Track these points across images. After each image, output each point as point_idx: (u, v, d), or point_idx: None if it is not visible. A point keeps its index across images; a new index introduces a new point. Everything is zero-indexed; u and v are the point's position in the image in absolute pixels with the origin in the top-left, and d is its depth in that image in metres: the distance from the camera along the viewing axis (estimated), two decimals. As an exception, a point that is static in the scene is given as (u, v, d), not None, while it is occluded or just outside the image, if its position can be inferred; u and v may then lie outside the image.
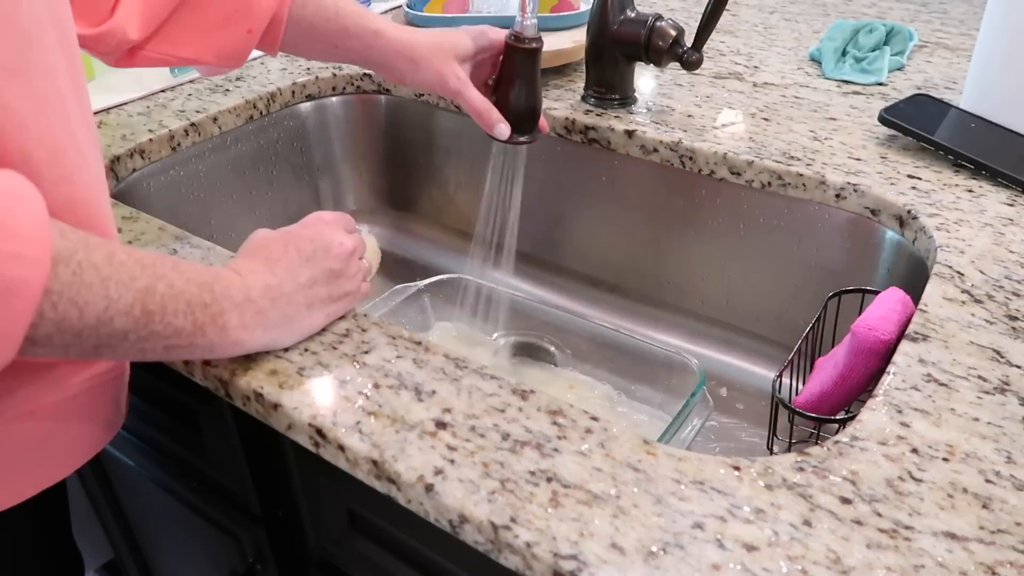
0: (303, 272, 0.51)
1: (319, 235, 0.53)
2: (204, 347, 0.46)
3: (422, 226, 1.02)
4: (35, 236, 0.36)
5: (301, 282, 0.51)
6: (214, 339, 0.46)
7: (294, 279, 0.50)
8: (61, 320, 0.38)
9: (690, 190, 0.79)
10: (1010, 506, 0.41)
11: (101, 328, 0.40)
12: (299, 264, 0.51)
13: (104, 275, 0.39)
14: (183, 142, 0.82)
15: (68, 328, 0.38)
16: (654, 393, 0.74)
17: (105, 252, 0.40)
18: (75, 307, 0.38)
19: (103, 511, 0.95)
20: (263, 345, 0.50)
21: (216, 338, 0.46)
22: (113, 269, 0.40)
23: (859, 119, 0.81)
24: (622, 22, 0.78)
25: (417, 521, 0.45)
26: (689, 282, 0.84)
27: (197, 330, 0.44)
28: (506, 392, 0.48)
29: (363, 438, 0.45)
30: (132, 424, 0.74)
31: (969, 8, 1.17)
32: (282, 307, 0.50)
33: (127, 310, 0.41)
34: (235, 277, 0.48)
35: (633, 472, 0.43)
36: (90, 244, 0.40)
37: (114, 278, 0.40)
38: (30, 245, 0.36)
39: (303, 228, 0.54)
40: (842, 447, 0.44)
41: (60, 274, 0.37)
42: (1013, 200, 0.67)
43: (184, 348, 0.45)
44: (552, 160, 0.86)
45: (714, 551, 0.38)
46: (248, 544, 0.69)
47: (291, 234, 0.53)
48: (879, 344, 0.53)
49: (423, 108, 0.94)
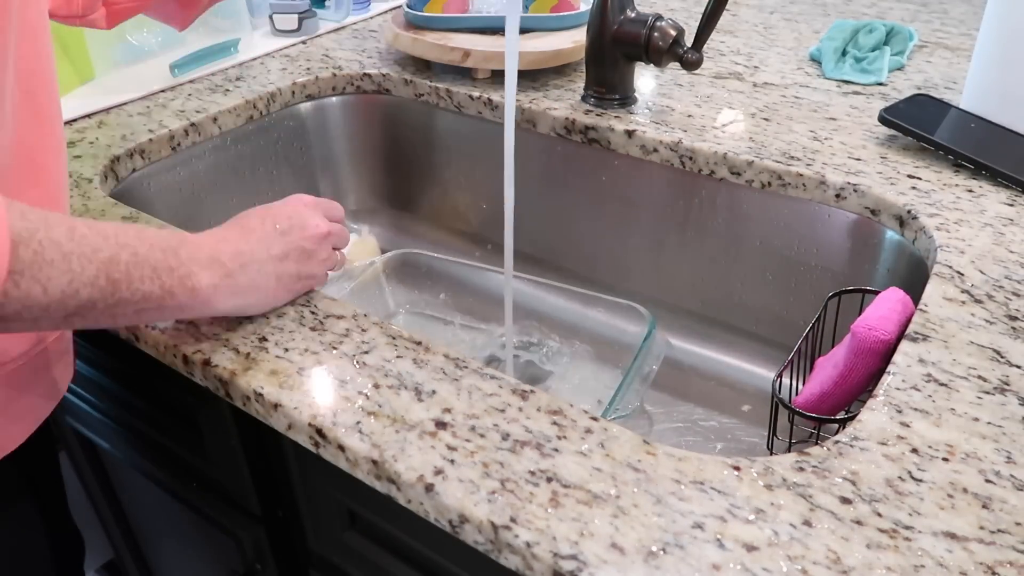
0: (276, 244, 0.53)
1: (297, 213, 0.55)
2: (174, 308, 0.47)
3: (422, 226, 1.02)
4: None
5: (273, 253, 0.52)
6: (184, 300, 0.47)
7: (266, 249, 0.52)
8: (26, 297, 0.39)
9: (690, 190, 0.79)
10: (1010, 506, 0.41)
11: (68, 301, 0.41)
12: (273, 236, 0.53)
13: (66, 251, 0.41)
14: (183, 142, 0.82)
15: (34, 304, 0.40)
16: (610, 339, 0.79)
17: (66, 228, 0.41)
18: (38, 284, 0.39)
19: (103, 511, 0.95)
20: (233, 309, 0.51)
21: (186, 299, 0.47)
22: (75, 244, 0.41)
23: (859, 119, 0.81)
24: (622, 22, 0.78)
25: (417, 521, 0.45)
26: (689, 282, 0.84)
27: (166, 293, 0.46)
28: (506, 392, 0.48)
29: (363, 438, 0.45)
30: (132, 424, 0.74)
31: (969, 8, 1.17)
32: (251, 274, 0.51)
33: (91, 281, 0.42)
34: (205, 240, 0.50)
35: (633, 472, 0.43)
36: (50, 222, 0.41)
37: (76, 252, 0.41)
38: None
39: (284, 205, 0.56)
40: (842, 447, 0.44)
41: (21, 255, 0.38)
42: (1013, 200, 0.67)
43: (155, 311, 0.46)
44: (552, 160, 0.86)
45: (714, 551, 0.38)
46: (248, 544, 0.69)
47: (269, 209, 0.55)
48: (879, 344, 0.53)
49: (423, 108, 0.94)
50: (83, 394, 0.77)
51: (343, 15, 1.09)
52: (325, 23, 1.08)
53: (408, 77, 0.92)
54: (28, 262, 0.39)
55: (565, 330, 0.82)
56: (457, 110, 0.90)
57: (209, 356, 0.51)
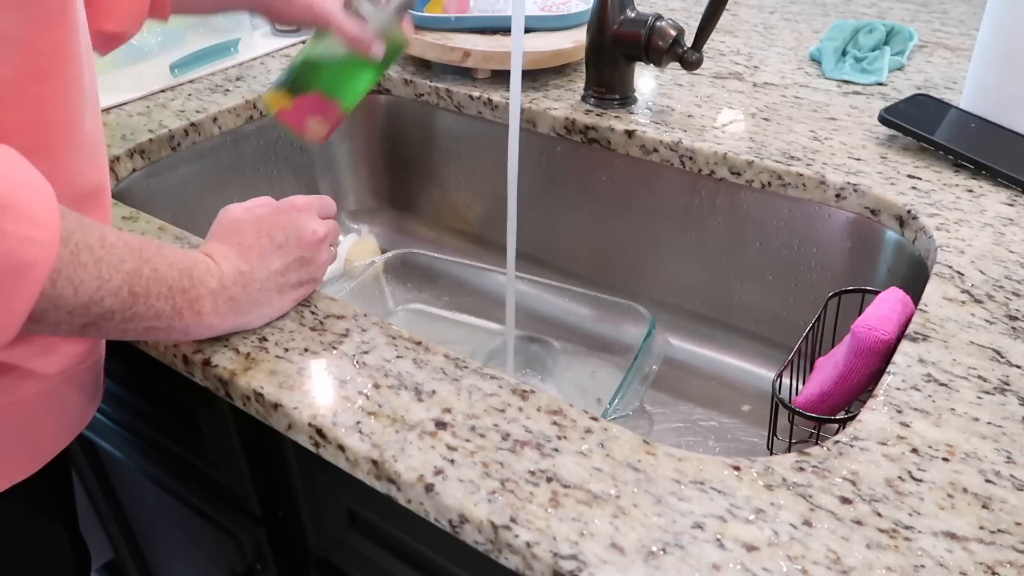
0: (275, 260, 0.52)
1: (291, 222, 0.54)
2: (180, 330, 0.48)
3: (422, 226, 1.02)
4: (47, 221, 0.38)
5: (273, 269, 0.52)
6: (190, 323, 0.47)
7: (266, 267, 0.52)
8: (58, 297, 0.39)
9: (690, 190, 0.79)
10: (1010, 506, 0.41)
11: (92, 307, 0.41)
12: (271, 251, 0.52)
13: (97, 256, 0.41)
14: (183, 142, 0.82)
15: (63, 305, 0.40)
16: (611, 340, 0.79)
17: (98, 234, 0.42)
18: (71, 285, 0.40)
19: (103, 511, 0.95)
20: (233, 327, 0.52)
21: (192, 322, 0.48)
22: (105, 251, 0.41)
23: (859, 119, 0.81)
24: (622, 22, 0.78)
25: (417, 521, 0.45)
26: (689, 282, 0.84)
27: (175, 314, 0.46)
28: (506, 392, 0.48)
29: (363, 438, 0.45)
30: (132, 424, 0.74)
31: (969, 8, 1.17)
32: (253, 293, 0.51)
33: (116, 291, 0.42)
34: (210, 263, 0.49)
35: (633, 472, 0.43)
36: (85, 225, 0.41)
37: (106, 260, 0.41)
38: (43, 229, 0.37)
39: (276, 214, 0.54)
40: (842, 447, 0.44)
41: (60, 254, 0.39)
42: (1013, 200, 0.67)
43: (162, 330, 0.47)
44: (552, 160, 0.86)
45: (714, 551, 0.38)
46: (248, 544, 0.69)
47: (263, 220, 0.54)
48: (879, 344, 0.53)
49: (423, 108, 0.94)
50: (83, 394, 0.77)
51: (343, 15, 1.09)
52: (325, 23, 1.08)
53: (408, 77, 0.92)
54: (66, 262, 0.39)
55: (565, 330, 0.82)
56: (457, 110, 0.90)
57: (209, 356, 0.51)
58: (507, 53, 0.85)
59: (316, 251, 0.55)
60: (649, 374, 0.69)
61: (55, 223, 0.38)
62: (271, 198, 0.57)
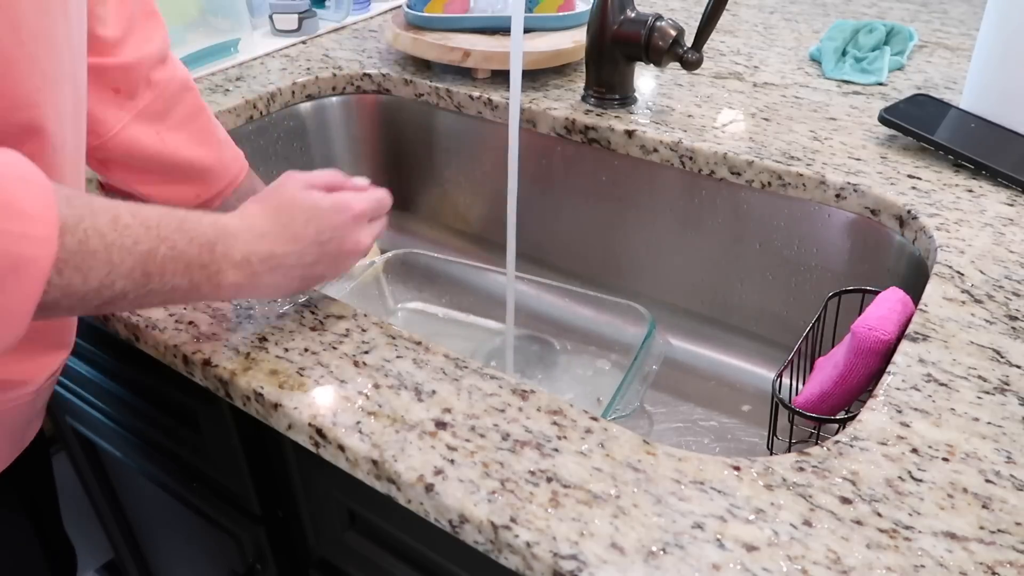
0: (311, 253, 0.52)
1: (344, 227, 0.53)
2: (195, 299, 0.48)
3: (422, 226, 1.02)
4: (42, 216, 0.37)
5: (305, 262, 0.52)
6: (206, 293, 0.48)
7: (300, 259, 0.51)
8: (67, 286, 0.39)
9: (690, 190, 0.79)
10: (1010, 506, 0.41)
11: (103, 291, 0.41)
12: (311, 246, 0.52)
13: (109, 241, 0.41)
14: (183, 142, 0.82)
15: (73, 293, 0.40)
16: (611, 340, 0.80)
17: (110, 216, 0.41)
18: (79, 273, 0.39)
19: (103, 511, 0.95)
20: (247, 296, 0.53)
21: (208, 292, 0.48)
22: (117, 234, 0.41)
23: (859, 119, 0.81)
24: (622, 22, 0.78)
25: (417, 521, 0.45)
26: (689, 282, 0.84)
27: (192, 288, 0.46)
28: (506, 392, 0.48)
29: (363, 438, 0.45)
30: (132, 424, 0.74)
31: (969, 8, 1.17)
32: (277, 277, 0.51)
33: (128, 274, 0.42)
34: (243, 234, 0.49)
35: (633, 472, 0.43)
36: (95, 209, 0.41)
37: (118, 243, 0.41)
38: (38, 225, 0.37)
39: (334, 212, 0.53)
40: (842, 447, 0.44)
41: (66, 243, 0.38)
42: (1013, 200, 0.67)
43: (179, 301, 0.48)
44: (552, 160, 0.86)
45: (714, 551, 0.38)
46: (248, 544, 0.69)
47: (318, 212, 0.52)
48: (879, 344, 0.53)
49: (423, 108, 0.94)
50: (83, 394, 0.77)
51: (343, 15, 1.09)
52: (325, 23, 1.08)
53: (408, 77, 0.92)
54: (73, 251, 0.39)
55: (565, 330, 0.82)
56: (457, 110, 0.90)
57: (209, 356, 0.51)
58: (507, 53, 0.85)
59: (349, 259, 0.54)
60: (649, 374, 0.69)
61: (51, 217, 0.37)
62: (337, 174, 0.56)
